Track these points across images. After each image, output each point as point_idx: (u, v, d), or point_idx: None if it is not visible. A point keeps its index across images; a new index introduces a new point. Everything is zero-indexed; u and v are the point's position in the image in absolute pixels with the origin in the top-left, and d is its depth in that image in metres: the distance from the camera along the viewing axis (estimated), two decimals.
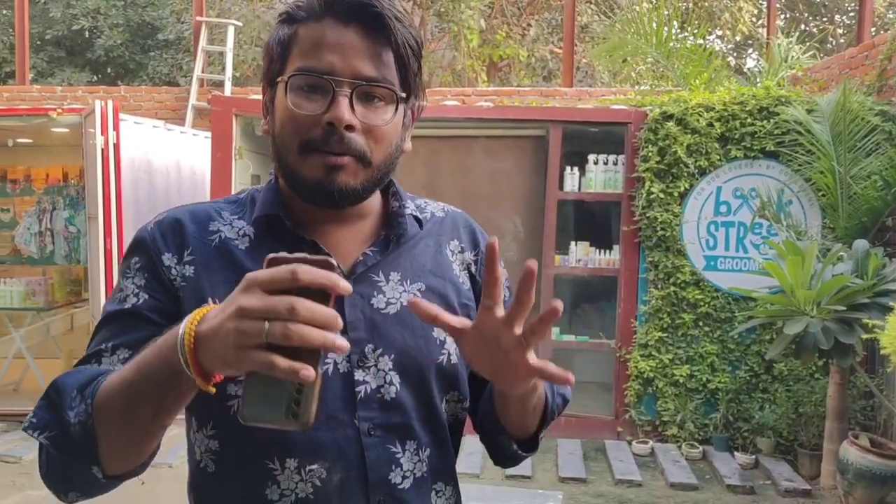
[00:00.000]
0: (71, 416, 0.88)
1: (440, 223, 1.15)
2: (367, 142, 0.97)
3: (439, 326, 0.88)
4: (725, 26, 12.49)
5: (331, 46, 0.96)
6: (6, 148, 7.25)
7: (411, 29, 0.99)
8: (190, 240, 1.03)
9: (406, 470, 1.02)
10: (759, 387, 5.25)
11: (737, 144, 5.25)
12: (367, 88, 0.97)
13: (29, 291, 6.00)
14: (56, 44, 12.67)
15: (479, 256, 1.14)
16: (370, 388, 1.01)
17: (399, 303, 1.04)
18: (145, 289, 1.01)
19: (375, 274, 1.05)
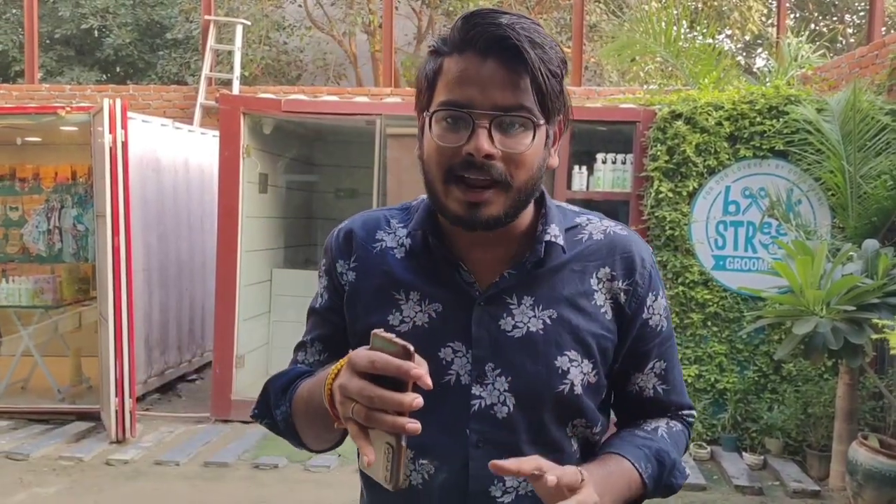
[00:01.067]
0: (277, 413, 1.13)
1: (594, 247, 1.14)
2: (508, 168, 1.01)
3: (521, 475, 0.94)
4: (735, 25, 12.45)
5: (470, 80, 1.00)
6: (15, 146, 7.27)
7: (551, 51, 1.02)
8: (357, 247, 1.16)
9: (508, 486, 1.08)
10: (768, 387, 5.23)
11: (746, 144, 5.23)
12: (505, 118, 1.00)
13: (37, 289, 6.01)
14: (65, 43, 12.71)
15: (633, 287, 1.13)
16: (484, 404, 1.08)
17: (526, 327, 1.08)
18: (327, 290, 1.20)
19: (509, 296, 1.09)
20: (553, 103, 1.03)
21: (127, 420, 5.20)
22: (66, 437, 5.32)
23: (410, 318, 1.10)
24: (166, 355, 6.45)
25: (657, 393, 1.18)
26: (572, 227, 1.15)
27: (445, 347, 1.08)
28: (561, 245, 1.11)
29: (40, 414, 5.74)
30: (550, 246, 1.10)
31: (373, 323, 1.04)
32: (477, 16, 1.02)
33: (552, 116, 1.05)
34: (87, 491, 4.48)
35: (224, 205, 5.66)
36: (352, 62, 12.43)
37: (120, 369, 5.14)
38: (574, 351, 1.08)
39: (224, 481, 4.66)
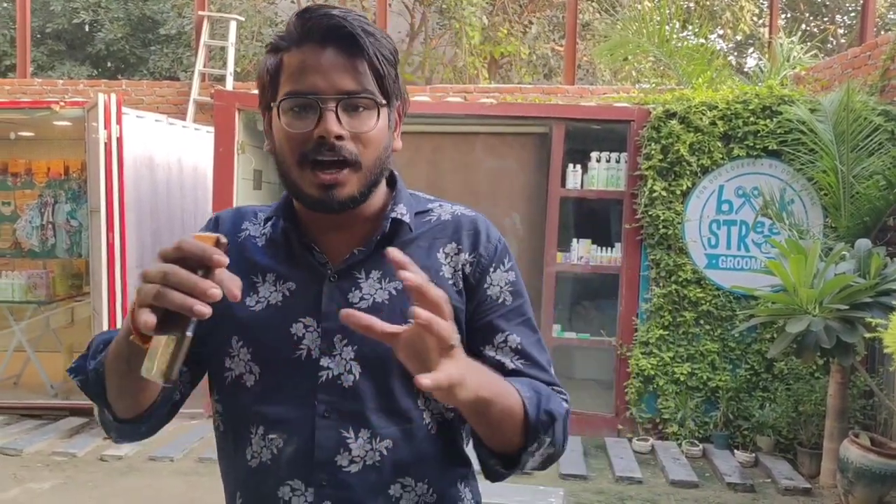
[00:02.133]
0: (90, 364, 1.09)
1: (442, 226, 1.20)
2: (357, 147, 1.08)
3: (374, 336, 0.92)
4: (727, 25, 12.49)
5: (313, 69, 1.06)
6: (7, 141, 7.24)
7: (384, 39, 1.09)
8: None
9: (355, 455, 1.10)
10: (760, 385, 5.27)
11: (739, 143, 5.26)
12: (350, 101, 1.07)
13: (30, 285, 5.99)
14: (56, 37, 12.63)
15: (478, 258, 1.18)
16: (331, 375, 1.10)
17: (373, 298, 1.12)
18: None
19: (357, 271, 1.14)
20: (391, 87, 1.10)
21: None
22: (59, 433, 5.31)
23: (265, 298, 1.14)
24: None
25: (517, 367, 1.15)
26: (423, 210, 1.21)
27: (297, 323, 1.12)
28: (408, 223, 1.16)
29: (33, 409, 5.73)
30: (398, 224, 1.16)
31: (231, 305, 1.01)
32: (311, 10, 1.08)
33: (391, 100, 1.12)
34: (81, 487, 4.47)
35: (218, 201, 5.65)
36: None
37: None
38: None
39: (218, 477, 4.65)
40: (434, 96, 7.15)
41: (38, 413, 5.69)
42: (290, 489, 1.10)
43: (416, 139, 5.94)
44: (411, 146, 6.18)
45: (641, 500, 4.48)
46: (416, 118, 5.92)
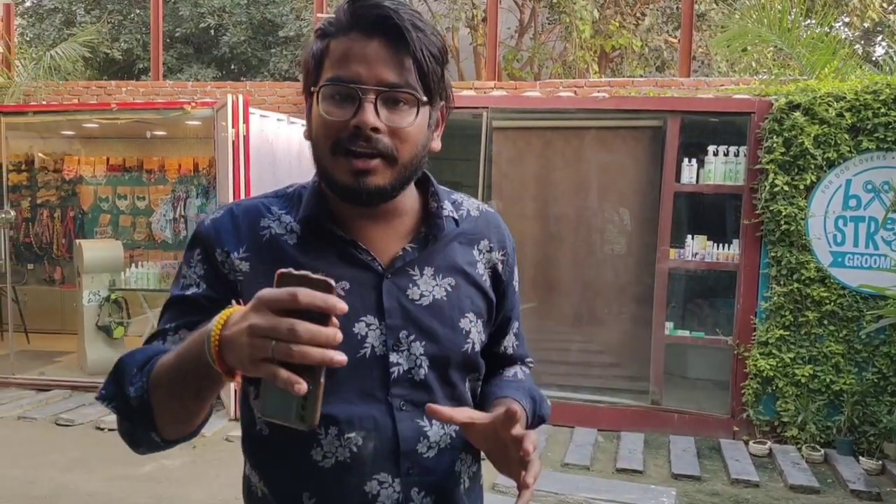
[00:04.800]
0: (131, 390, 1.01)
1: (475, 222, 1.25)
2: (393, 142, 1.06)
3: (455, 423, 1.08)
4: (853, 13, 11.86)
5: (357, 57, 1.05)
6: (142, 140, 7.74)
7: (433, 36, 1.08)
8: (243, 237, 1.15)
9: (432, 441, 1.15)
10: (888, 390, 5.01)
11: (869, 135, 5.01)
12: (391, 94, 1.06)
13: (163, 274, 6.40)
14: (184, 41, 13.35)
15: (506, 256, 1.27)
16: (402, 370, 1.13)
17: (431, 295, 1.16)
18: (204, 279, 1.14)
19: (412, 268, 1.16)
20: (435, 85, 1.09)
21: None
22: None
23: None
24: None
25: (514, 350, 1.35)
26: (452, 202, 1.24)
27: (359, 322, 1.11)
28: (455, 218, 1.21)
29: None
30: (448, 220, 1.19)
31: None
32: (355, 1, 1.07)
33: (434, 99, 1.10)
34: (208, 464, 4.75)
35: None
36: (454, 56, 12.55)
37: None
38: (471, 313, 1.19)
39: None
40: (545, 91, 7.15)
41: None
42: (377, 483, 1.11)
43: (525, 134, 5.96)
44: (521, 141, 6.21)
45: None
46: (526, 113, 5.94)
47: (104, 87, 8.84)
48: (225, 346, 0.87)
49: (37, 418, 5.53)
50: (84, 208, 8.28)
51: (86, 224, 8.26)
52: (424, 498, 1.14)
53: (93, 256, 6.47)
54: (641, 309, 5.76)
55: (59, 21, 13.34)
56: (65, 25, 13.18)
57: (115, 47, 12.74)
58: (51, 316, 7.95)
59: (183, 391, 0.97)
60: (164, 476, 4.58)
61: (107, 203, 8.25)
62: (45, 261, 8.35)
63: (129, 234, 8.08)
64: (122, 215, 8.23)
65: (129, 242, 7.88)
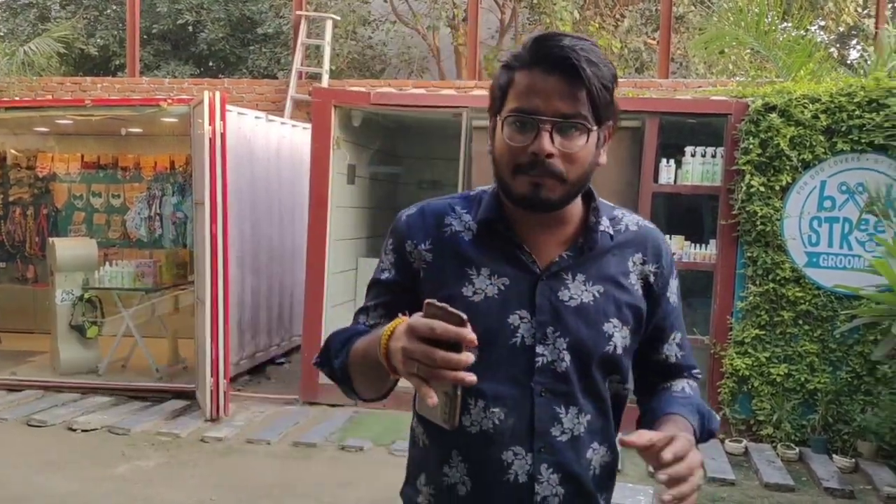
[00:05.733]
0: (336, 363, 1.31)
1: (633, 236, 1.39)
2: (564, 164, 1.23)
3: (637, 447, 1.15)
4: (829, 16, 12.00)
5: (537, 92, 1.22)
6: (118, 137, 7.65)
7: (605, 68, 1.23)
8: (430, 231, 1.36)
9: (566, 427, 1.31)
10: (862, 388, 5.07)
11: (843, 137, 5.07)
12: (564, 123, 1.22)
13: (138, 273, 6.32)
14: (162, 38, 13.22)
15: (660, 269, 1.40)
16: (546, 360, 1.30)
17: (580, 299, 1.31)
18: (394, 266, 1.38)
19: (566, 273, 1.32)
20: (604, 111, 1.24)
21: (221, 399, 5.43)
22: (163, 414, 5.59)
23: (482, 290, 1.31)
24: (257, 339, 6.69)
25: (678, 359, 1.44)
26: (612, 218, 1.38)
27: (513, 314, 1.29)
28: (611, 234, 1.35)
29: (139, 391, 6.05)
30: (603, 235, 1.34)
31: (449, 294, 1.27)
32: (547, 39, 1.23)
33: (602, 122, 1.26)
34: (183, 465, 4.71)
35: (315, 195, 5.82)
36: (434, 56, 12.54)
37: (215, 351, 5.36)
38: (616, 319, 1.32)
39: (312, 461, 4.82)
40: None
41: (144, 395, 6.00)
42: (512, 454, 1.29)
43: None
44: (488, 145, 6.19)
45: (734, 502, 4.39)
46: None
47: (79, 83, 8.75)
48: (388, 354, 1.09)
49: (8, 419, 5.44)
50: (58, 206, 8.16)
51: (59, 222, 8.15)
52: (552, 475, 1.30)
53: (66, 255, 6.38)
54: None
55: (33, 16, 13.16)
56: (39, 20, 13.01)
57: (91, 43, 12.58)
58: (23, 315, 7.84)
59: (369, 372, 1.23)
60: (138, 477, 4.53)
61: (81, 201, 8.15)
62: (17, 259, 8.23)
63: (103, 232, 7.98)
64: (97, 213, 8.13)
65: (104, 241, 7.78)
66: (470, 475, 1.31)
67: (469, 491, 1.32)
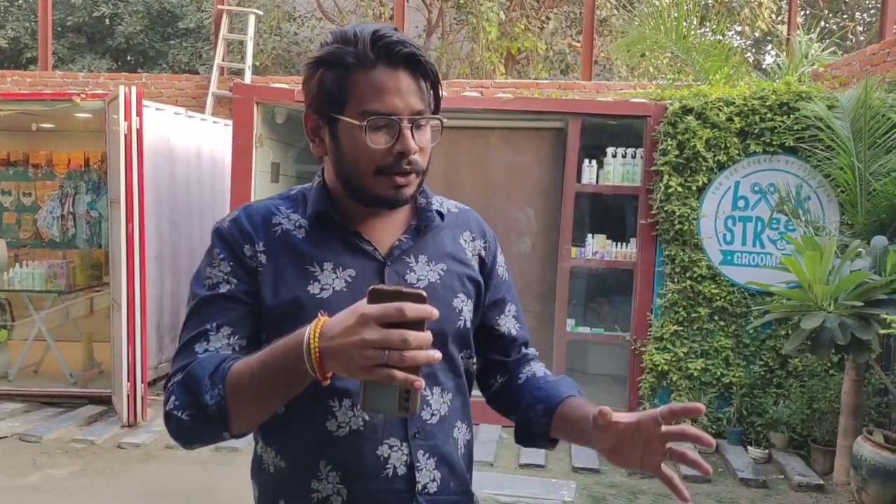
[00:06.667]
0: (207, 398, 1.13)
1: (455, 217, 1.44)
2: (421, 158, 1.26)
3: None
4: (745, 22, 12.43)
5: (389, 91, 1.20)
6: (28, 133, 7.33)
7: (433, 61, 1.27)
8: (260, 232, 1.28)
9: (434, 409, 1.30)
10: (774, 382, 5.26)
11: (756, 139, 5.25)
12: (420, 119, 1.24)
13: (50, 274, 6.08)
14: (77, 30, 12.74)
15: (487, 244, 1.45)
16: None
17: (427, 279, 1.32)
18: (233, 275, 1.26)
19: (408, 256, 1.32)
20: (440, 101, 1.29)
21: (138, 404, 5.27)
22: (78, 421, 5.39)
23: (329, 285, 1.26)
24: (176, 342, 6.50)
25: (516, 332, 1.48)
26: (438, 202, 1.41)
27: None
28: (443, 213, 1.38)
29: (52, 397, 5.81)
30: (437, 214, 1.36)
31: (295, 296, 1.23)
32: (384, 37, 1.21)
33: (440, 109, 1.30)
34: (99, 473, 4.55)
35: (236, 193, 5.69)
36: None
37: (132, 354, 5.20)
38: (462, 294, 1.35)
39: (234, 465, 4.72)
40: (451, 91, 7.18)
41: (58, 401, 5.78)
42: (388, 447, 1.25)
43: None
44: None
45: (654, 494, 4.50)
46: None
47: None
48: (327, 356, 1.01)
49: None
50: None
51: None
52: (429, 460, 1.28)
53: None
54: (545, 307, 5.85)
55: None
56: None
57: (1, 35, 12.03)
58: None
59: (270, 395, 1.11)
60: (50, 486, 4.35)
61: None
62: None
63: (13, 231, 7.64)
64: (7, 212, 7.77)
65: (14, 241, 7.45)
66: (344, 482, 1.24)
67: (346, 499, 1.24)
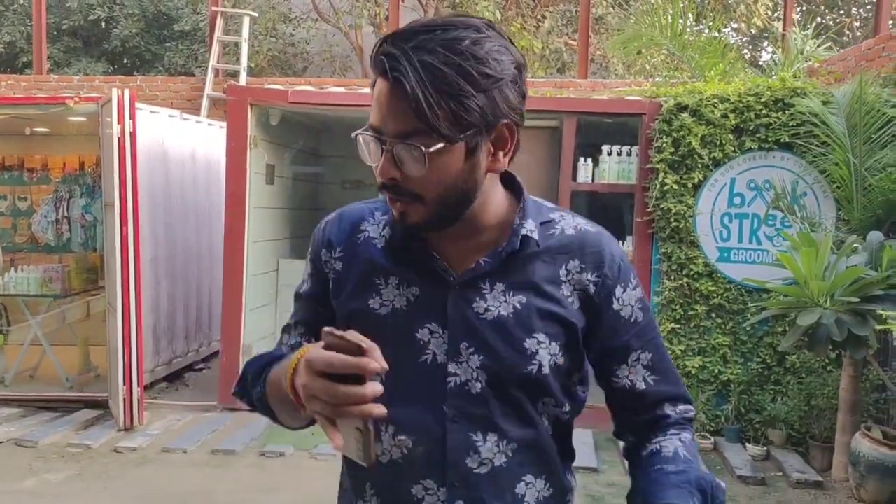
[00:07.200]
0: (254, 394, 1.19)
1: (566, 241, 1.18)
2: (415, 185, 1.06)
3: None
4: (741, 19, 12.42)
5: (379, 104, 1.05)
6: (23, 137, 7.31)
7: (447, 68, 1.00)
8: (343, 238, 1.23)
9: (484, 458, 1.15)
10: (772, 379, 5.25)
11: (751, 136, 5.24)
12: (405, 143, 1.03)
13: (46, 279, 6.05)
14: (72, 34, 12.74)
15: (602, 279, 1.18)
16: (459, 381, 1.14)
17: (497, 311, 1.14)
18: (311, 278, 1.27)
19: (482, 282, 1.15)
20: (459, 120, 1.02)
21: (135, 408, 5.25)
22: (74, 425, 5.37)
23: (390, 301, 1.17)
24: (174, 345, 6.49)
25: (648, 384, 1.21)
26: (546, 221, 1.20)
27: (423, 328, 1.15)
28: (535, 239, 1.16)
29: (49, 402, 5.79)
30: (525, 239, 1.15)
31: (356, 307, 1.18)
32: (383, 39, 1.04)
33: (464, 131, 1.04)
34: (95, 478, 4.53)
35: (231, 195, 5.69)
36: (358, 55, 12.45)
37: (128, 358, 5.18)
38: (543, 333, 1.14)
39: (231, 469, 4.70)
40: None
41: (54, 405, 5.75)
42: (423, 488, 1.15)
43: None
44: None
45: None
46: None
47: None
48: (296, 390, 0.99)
49: None
50: None
51: None
52: None
53: None
54: None
55: None
56: None
57: None
58: None
59: (284, 405, 1.10)
60: (46, 491, 4.33)
61: None
62: None
63: (9, 236, 7.61)
64: (2, 217, 7.75)
65: (10, 245, 7.43)
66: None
67: None
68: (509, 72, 1.06)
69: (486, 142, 1.08)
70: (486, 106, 1.04)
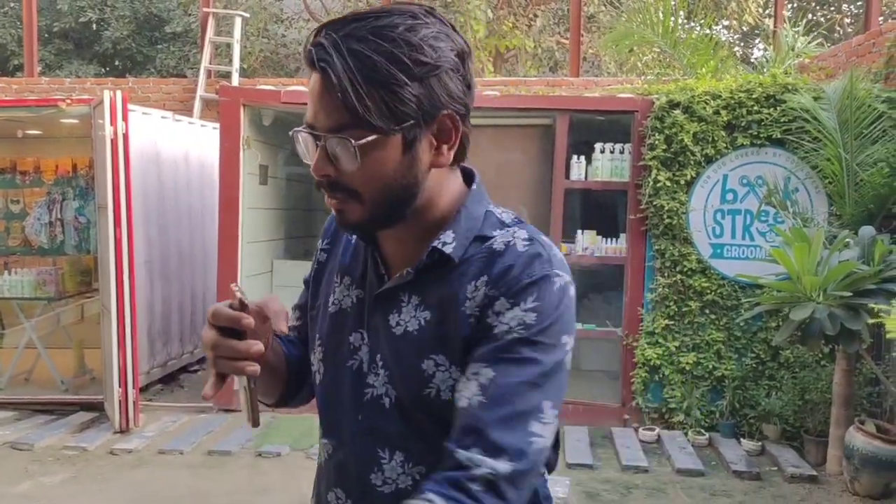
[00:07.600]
0: None
1: (487, 255, 1.04)
2: (351, 181, 1.00)
3: None
4: (732, 16, 12.46)
5: (311, 98, 1.00)
6: (15, 139, 7.28)
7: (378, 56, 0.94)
8: (330, 231, 1.24)
9: (388, 477, 1.07)
10: (766, 374, 5.27)
11: (743, 132, 5.26)
12: (338, 138, 0.97)
13: (39, 281, 6.04)
14: (63, 36, 12.69)
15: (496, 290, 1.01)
16: (375, 393, 1.09)
17: (405, 326, 1.05)
18: (312, 264, 1.27)
19: (403, 292, 1.07)
20: (393, 112, 0.96)
21: (130, 410, 5.24)
22: (70, 428, 5.36)
23: (338, 301, 1.15)
24: (168, 346, 6.49)
25: (470, 404, 0.97)
26: (484, 236, 1.06)
27: (355, 333, 1.11)
28: (448, 254, 1.04)
29: (44, 404, 5.78)
30: (434, 252, 1.04)
31: (316, 302, 1.20)
32: (317, 29, 0.99)
33: (403, 121, 0.97)
34: (91, 480, 4.52)
35: (225, 196, 5.68)
36: None
37: (123, 360, 5.17)
38: (441, 356, 1.03)
39: (227, 470, 4.70)
40: None
41: (49, 408, 5.74)
42: (335, 496, 1.13)
43: None
44: None
45: (648, 489, 4.50)
46: None
47: None
48: None
49: None
50: None
51: None
52: None
53: None
54: None
55: None
56: None
57: None
58: None
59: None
60: (42, 494, 4.33)
61: None
62: None
63: (2, 239, 7.58)
64: None
65: (3, 248, 7.41)
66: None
67: None
68: (448, 59, 0.99)
69: (427, 134, 1.01)
70: (422, 95, 0.97)
